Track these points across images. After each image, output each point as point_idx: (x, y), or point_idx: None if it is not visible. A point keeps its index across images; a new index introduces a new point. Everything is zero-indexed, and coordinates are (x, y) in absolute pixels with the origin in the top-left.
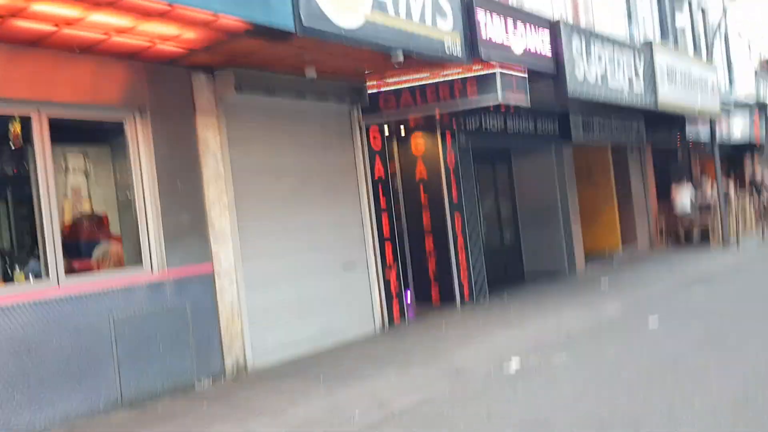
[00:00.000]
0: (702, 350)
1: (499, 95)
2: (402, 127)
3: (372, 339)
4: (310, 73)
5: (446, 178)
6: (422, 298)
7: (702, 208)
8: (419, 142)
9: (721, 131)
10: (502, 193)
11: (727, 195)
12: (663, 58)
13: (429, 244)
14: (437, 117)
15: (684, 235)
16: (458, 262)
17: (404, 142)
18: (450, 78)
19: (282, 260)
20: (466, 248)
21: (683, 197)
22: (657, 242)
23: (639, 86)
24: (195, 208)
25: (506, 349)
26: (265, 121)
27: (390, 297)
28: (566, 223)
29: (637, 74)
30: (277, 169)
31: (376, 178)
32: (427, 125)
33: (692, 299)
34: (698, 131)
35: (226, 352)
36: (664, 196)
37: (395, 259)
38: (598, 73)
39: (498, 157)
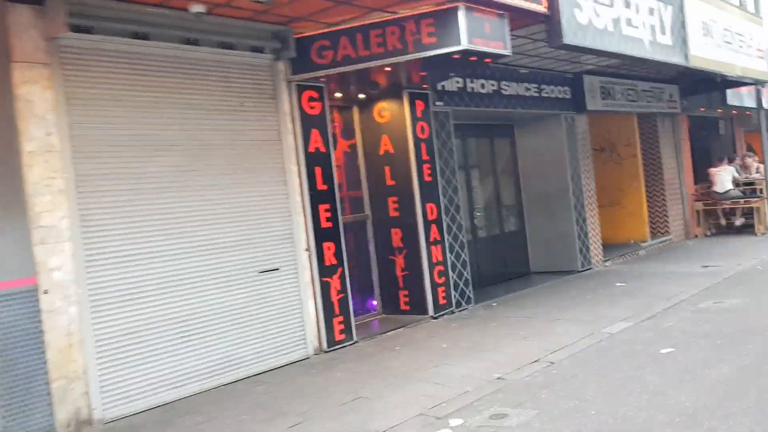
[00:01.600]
0: (739, 400)
1: (463, 40)
2: (352, 87)
3: (295, 370)
4: (196, 6)
5: (416, 154)
6: (390, 305)
7: (746, 190)
8: (383, 108)
9: None
10: (503, 175)
11: None
12: (696, 4)
13: (396, 237)
14: (402, 73)
15: (725, 221)
16: (431, 261)
17: (366, 107)
18: (400, 16)
19: (158, 267)
20: (443, 243)
21: (724, 177)
22: (693, 230)
23: (665, 37)
24: (7, 196)
25: (453, 397)
26: (133, 75)
27: (330, 309)
28: (579, 209)
29: (662, 22)
30: (154, 142)
31: (311, 151)
32: (390, 85)
33: (729, 311)
34: (742, 97)
35: (57, 401)
36: (702, 175)
37: (339, 259)
38: (609, 17)
39: (496, 130)
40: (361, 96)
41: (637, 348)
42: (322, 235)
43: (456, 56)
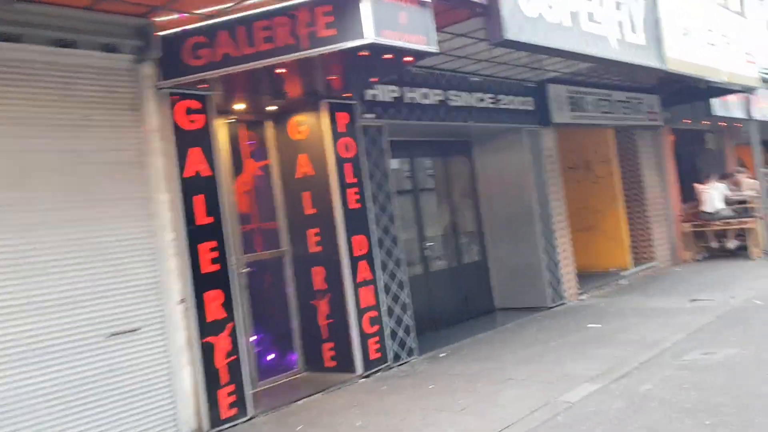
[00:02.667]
0: None
1: (368, 32)
2: (252, 96)
3: None
4: None
5: (339, 176)
6: (313, 360)
7: (739, 209)
8: (299, 122)
9: (760, 109)
10: (461, 198)
11: None
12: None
13: (318, 278)
14: (313, 78)
15: (717, 244)
16: (359, 306)
17: (281, 122)
18: (290, 3)
19: None
20: (375, 283)
21: (714, 195)
22: (681, 255)
23: (637, 36)
24: None
25: None
26: None
27: (214, 379)
28: (548, 236)
29: (632, 18)
30: None
31: (189, 176)
32: (305, 93)
33: (722, 367)
34: (729, 107)
35: None
36: (690, 193)
37: (229, 311)
38: (566, 10)
39: (451, 147)
40: (271, 108)
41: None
42: (203, 283)
43: (363, 53)
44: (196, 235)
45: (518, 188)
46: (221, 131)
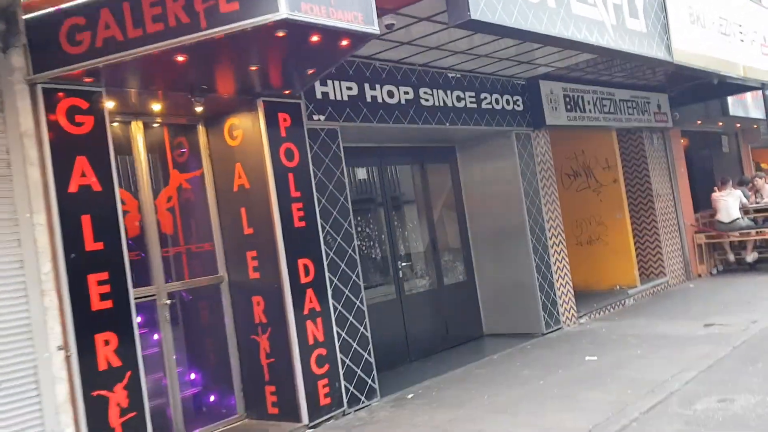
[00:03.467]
0: None
1: (282, 6)
2: (165, 92)
3: None
4: None
5: (279, 189)
6: (255, 404)
7: (758, 218)
8: (234, 124)
9: None
10: (444, 211)
11: None
12: None
13: (258, 309)
14: (238, 70)
15: (734, 257)
16: (305, 343)
17: (215, 125)
18: None
19: None
20: (326, 315)
21: (730, 203)
22: (695, 269)
23: (638, 22)
24: None
25: None
26: None
27: None
28: (541, 253)
29: (633, 2)
30: None
31: (72, 191)
32: (237, 90)
33: (741, 422)
34: (747, 106)
35: None
36: (704, 201)
37: (127, 357)
38: None
39: (431, 154)
40: (200, 109)
41: None
42: (93, 323)
43: (280, 34)
44: (82, 264)
45: (508, 199)
46: (136, 136)
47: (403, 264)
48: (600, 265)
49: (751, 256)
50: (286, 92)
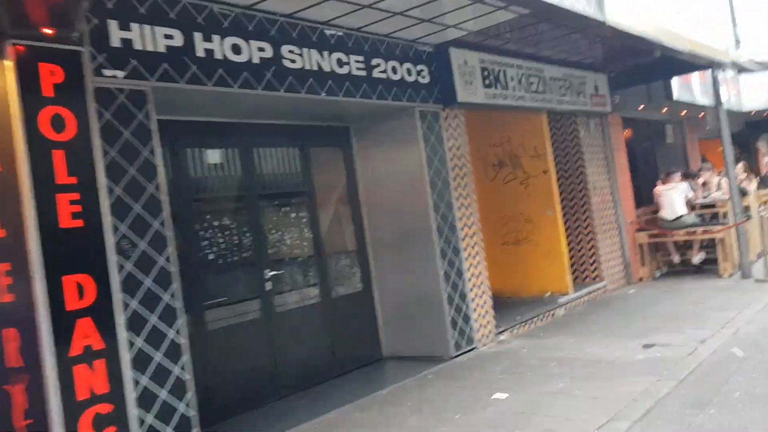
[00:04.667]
0: None
1: None
2: None
3: None
4: None
5: (35, 174)
6: None
7: (706, 215)
8: None
9: (729, 97)
10: (335, 206)
11: (742, 193)
12: None
13: (12, 348)
14: None
15: (679, 258)
16: (71, 399)
17: None
18: None
19: None
20: (115, 355)
21: (675, 198)
22: (636, 272)
23: None
24: None
25: None
26: None
27: None
28: (452, 257)
29: None
30: None
31: None
32: None
33: None
34: (693, 91)
35: None
36: (646, 196)
37: None
38: None
39: (319, 136)
40: None
41: None
42: None
43: None
44: None
45: (412, 192)
46: None
47: (272, 273)
48: (529, 269)
49: (697, 257)
50: (49, 31)
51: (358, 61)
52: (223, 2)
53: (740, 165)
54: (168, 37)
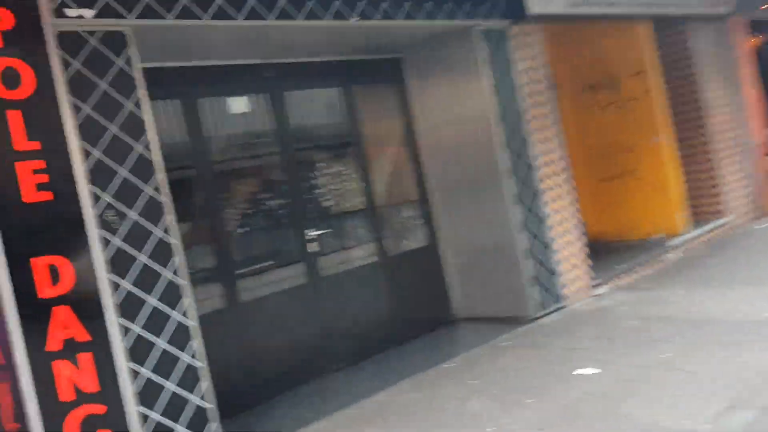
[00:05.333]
0: None
1: None
2: None
3: None
4: None
5: None
6: None
7: None
8: None
9: None
10: (390, 153)
11: None
12: None
13: None
14: None
15: None
16: (53, 401)
17: None
18: None
19: None
20: (105, 345)
21: None
22: (767, 205)
23: None
24: None
25: None
26: None
27: None
28: (530, 201)
29: None
30: None
31: None
32: None
33: None
34: None
35: None
36: None
37: None
38: None
39: (366, 71)
40: None
41: None
42: None
43: None
44: None
45: (478, 129)
46: None
47: (316, 233)
48: (634, 207)
49: None
50: None
51: None
52: None
53: None
54: None
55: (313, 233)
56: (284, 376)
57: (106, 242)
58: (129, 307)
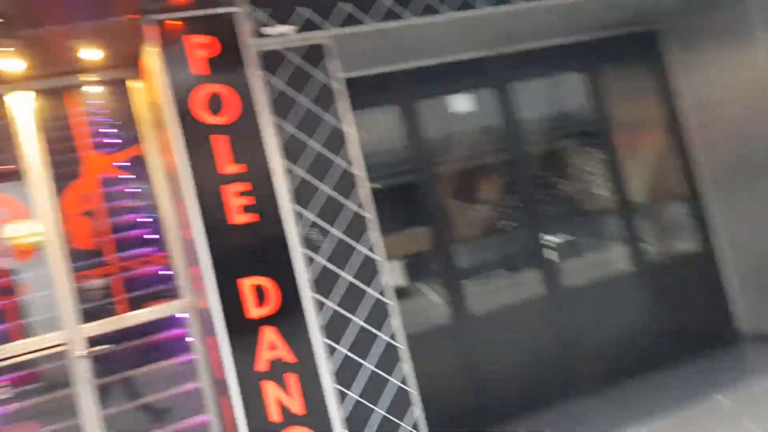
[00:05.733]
0: None
1: None
2: None
3: None
4: None
5: (196, 165)
6: None
7: None
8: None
9: None
10: (648, 138)
11: None
12: None
13: (214, 357)
14: None
15: None
16: (262, 422)
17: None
18: None
19: None
20: (311, 366)
21: None
22: None
23: None
24: None
25: None
26: None
27: None
28: None
29: None
30: None
31: None
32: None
33: None
34: None
35: None
36: None
37: None
38: None
39: (611, 51)
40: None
41: None
42: None
43: None
44: None
45: (763, 108)
46: None
47: (552, 238)
48: None
49: None
50: None
51: None
52: None
53: None
54: None
55: (548, 238)
56: (519, 399)
57: (310, 260)
58: (334, 328)
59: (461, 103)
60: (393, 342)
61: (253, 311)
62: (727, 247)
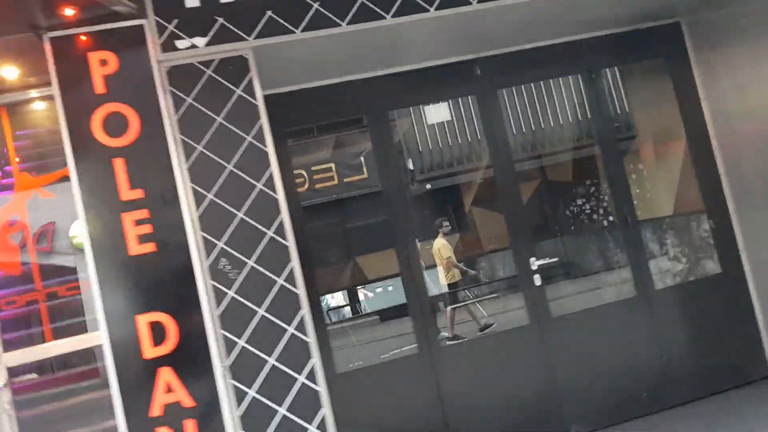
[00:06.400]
0: None
1: None
2: None
3: None
4: None
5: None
6: None
7: None
8: None
9: None
10: (664, 148)
11: None
12: None
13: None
14: None
15: None
16: None
17: None
18: None
19: None
20: (206, 408)
21: None
22: None
23: None
24: None
25: None
26: None
27: None
28: None
29: None
30: None
31: None
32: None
33: None
34: None
35: None
36: None
37: None
38: None
39: (625, 49)
40: None
41: None
42: None
43: None
44: None
45: None
46: None
47: (540, 263)
48: None
49: None
50: (71, 12)
51: None
52: None
53: None
54: None
55: (536, 263)
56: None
57: (221, 295)
58: (243, 369)
59: (435, 113)
60: (310, 384)
61: (149, 351)
62: (755, 272)
